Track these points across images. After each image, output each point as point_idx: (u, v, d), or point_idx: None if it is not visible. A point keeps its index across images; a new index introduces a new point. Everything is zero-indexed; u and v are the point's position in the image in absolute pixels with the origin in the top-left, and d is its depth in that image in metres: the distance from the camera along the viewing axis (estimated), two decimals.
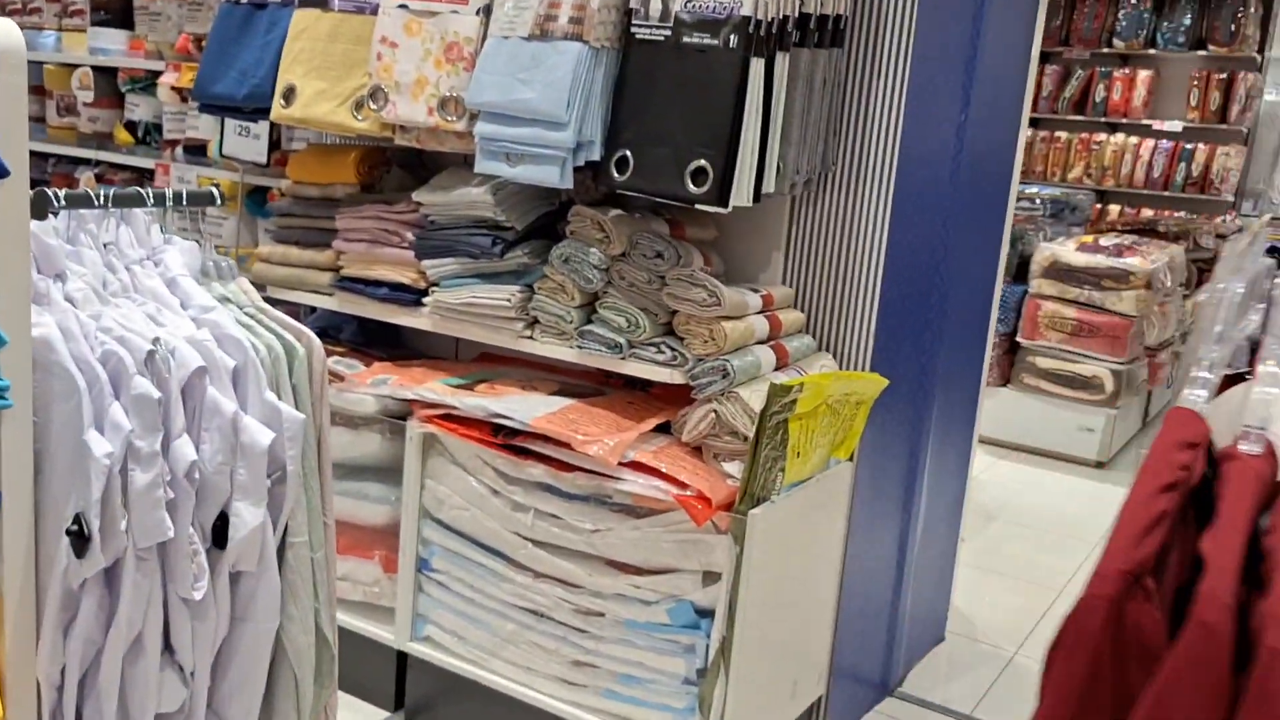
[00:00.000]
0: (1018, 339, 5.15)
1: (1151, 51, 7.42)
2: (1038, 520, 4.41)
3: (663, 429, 2.33)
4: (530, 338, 2.42)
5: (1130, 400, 5.15)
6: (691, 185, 2.03)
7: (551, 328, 2.38)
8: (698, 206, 2.06)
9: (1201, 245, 6.30)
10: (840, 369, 2.41)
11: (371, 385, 2.54)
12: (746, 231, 2.46)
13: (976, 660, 3.19)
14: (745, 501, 2.10)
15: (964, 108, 2.54)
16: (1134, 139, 7.59)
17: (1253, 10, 7.22)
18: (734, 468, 2.20)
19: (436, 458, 2.48)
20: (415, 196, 2.52)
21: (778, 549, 2.19)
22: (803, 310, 2.45)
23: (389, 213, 2.59)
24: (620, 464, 2.17)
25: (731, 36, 1.98)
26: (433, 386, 2.49)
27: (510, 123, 2.18)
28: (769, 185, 2.12)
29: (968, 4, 2.50)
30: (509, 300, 2.40)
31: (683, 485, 2.13)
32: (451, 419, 2.40)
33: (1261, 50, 7.27)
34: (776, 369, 2.30)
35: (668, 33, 2.05)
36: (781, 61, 2.06)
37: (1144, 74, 7.53)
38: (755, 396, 2.19)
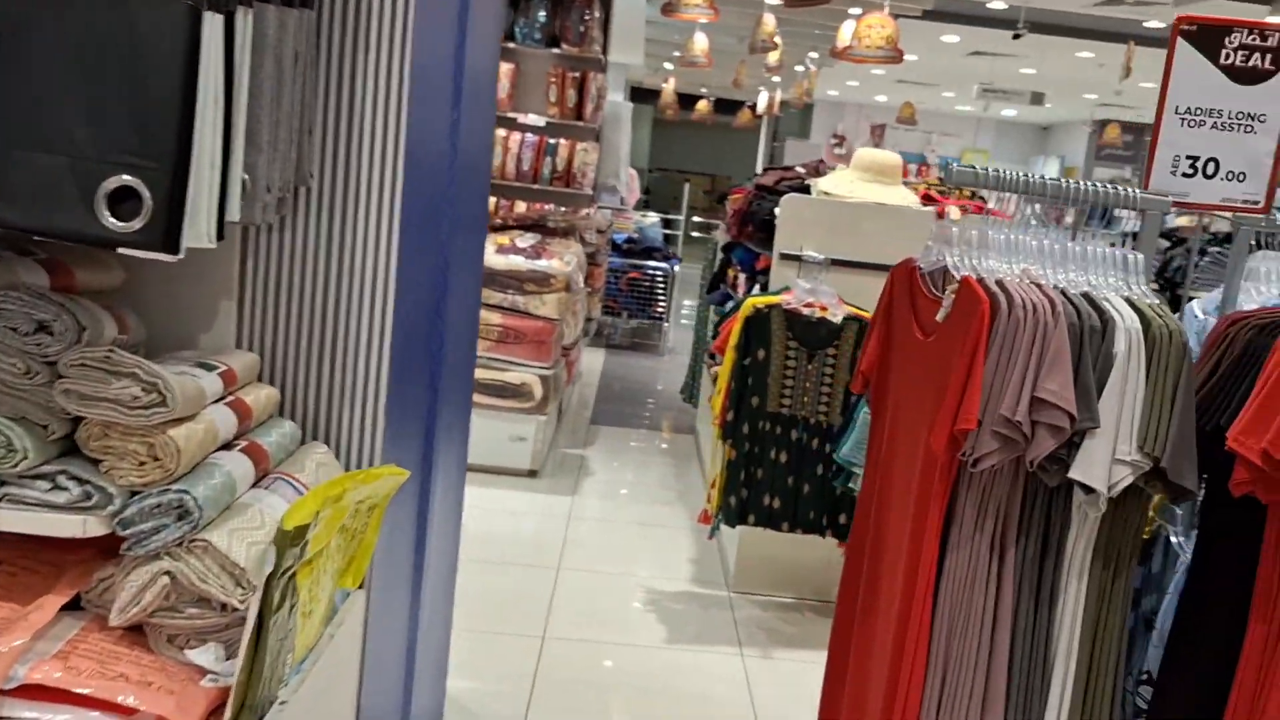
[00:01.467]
0: None
1: (512, 45, 7.50)
2: (494, 550, 4.06)
3: (72, 604, 1.43)
4: None
5: (554, 404, 5.06)
6: (110, 217, 1.18)
7: None
8: (124, 251, 1.22)
9: (587, 241, 6.51)
10: (341, 464, 1.72)
11: None
12: (174, 273, 1.63)
13: None
14: (244, 717, 1.33)
15: (456, 103, 1.98)
16: (503, 131, 7.64)
17: (597, 14, 7.66)
18: (206, 656, 1.40)
19: None
20: None
21: None
22: (274, 384, 1.70)
23: None
24: (4, 691, 1.26)
25: None
26: None
27: None
28: (233, 211, 1.35)
29: None
30: None
31: (126, 711, 1.29)
32: None
33: (605, 53, 7.75)
34: (256, 484, 1.54)
35: None
36: (244, 21, 1.30)
37: (507, 67, 7.60)
38: (234, 538, 1.42)
